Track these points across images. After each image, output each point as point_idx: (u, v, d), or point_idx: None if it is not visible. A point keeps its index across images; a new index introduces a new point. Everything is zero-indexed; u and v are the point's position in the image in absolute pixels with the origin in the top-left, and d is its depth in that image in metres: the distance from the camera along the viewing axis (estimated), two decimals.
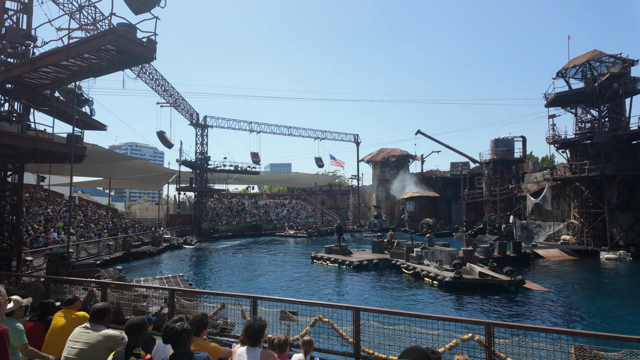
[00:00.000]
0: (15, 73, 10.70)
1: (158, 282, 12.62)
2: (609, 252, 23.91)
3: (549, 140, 29.11)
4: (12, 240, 11.95)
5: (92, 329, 3.54)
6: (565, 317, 12.22)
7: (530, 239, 29.94)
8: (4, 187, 11.96)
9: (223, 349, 3.87)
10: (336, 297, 14.99)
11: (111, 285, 8.22)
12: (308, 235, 40.75)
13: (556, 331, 4.92)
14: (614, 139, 25.29)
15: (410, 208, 48.86)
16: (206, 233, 39.34)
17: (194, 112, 41.43)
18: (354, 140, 54.03)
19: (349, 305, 5.88)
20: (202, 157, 40.97)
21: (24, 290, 8.96)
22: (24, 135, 11.10)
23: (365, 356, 5.56)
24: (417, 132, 48.88)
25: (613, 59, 26.28)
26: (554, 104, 28.91)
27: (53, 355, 3.94)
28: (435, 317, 5.35)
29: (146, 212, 60.55)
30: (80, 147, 12.75)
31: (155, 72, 33.69)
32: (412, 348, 1.59)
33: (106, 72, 10.64)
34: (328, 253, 23.07)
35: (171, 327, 2.88)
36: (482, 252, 21.20)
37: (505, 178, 37.88)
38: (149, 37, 9.26)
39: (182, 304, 7.16)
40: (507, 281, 15.28)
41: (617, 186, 25.67)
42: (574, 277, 19.06)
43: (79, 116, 13.07)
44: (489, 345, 4.82)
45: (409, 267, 18.87)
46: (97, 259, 20.66)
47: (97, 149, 27.39)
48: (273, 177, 62.78)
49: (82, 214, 29.24)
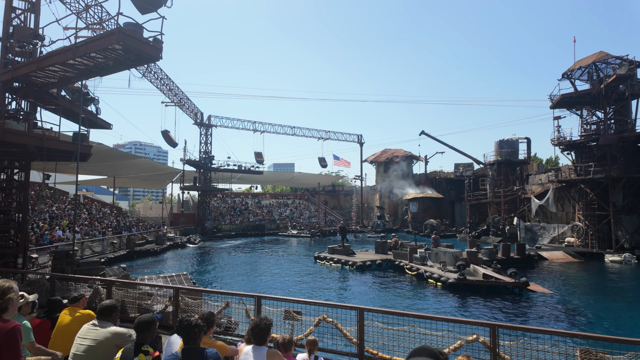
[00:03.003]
0: (23, 72, 10.79)
1: (162, 280, 12.66)
2: (614, 254, 23.76)
3: (554, 142, 28.97)
4: (18, 237, 12.04)
5: (100, 326, 3.57)
6: (570, 319, 12.16)
7: (534, 241, 29.80)
8: (11, 185, 12.06)
9: (229, 348, 3.90)
10: (339, 297, 14.99)
11: (116, 283, 8.26)
12: (311, 236, 40.76)
13: (561, 334, 4.90)
14: (620, 141, 25.14)
15: (413, 209, 48.74)
16: (209, 232, 39.44)
17: (198, 112, 41.56)
18: (357, 140, 53.98)
19: (353, 306, 5.88)
20: (206, 157, 41.08)
21: (29, 287, 9.04)
22: (31, 134, 11.18)
23: (369, 356, 5.56)
24: (421, 133, 48.83)
25: (619, 60, 26.12)
26: (559, 105, 28.76)
27: (59, 352, 3.98)
28: (439, 318, 5.34)
29: (150, 210, 60.83)
30: (86, 145, 12.82)
31: (161, 71, 33.83)
32: (420, 348, 1.59)
33: (112, 71, 10.72)
34: (331, 253, 23.07)
35: (187, 319, 2.97)
36: (485, 254, 21.13)
37: (510, 179, 37.73)
38: (155, 37, 9.31)
39: (186, 302, 7.19)
40: (511, 283, 15.23)
41: (622, 188, 25.51)
42: (579, 279, 18.96)
43: (85, 115, 13.15)
44: (494, 347, 4.80)
45: (413, 268, 18.84)
46: (101, 257, 20.76)
47: (102, 148, 27.54)
48: (276, 177, 62.83)
49: (87, 212, 29.41)
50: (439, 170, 53.35)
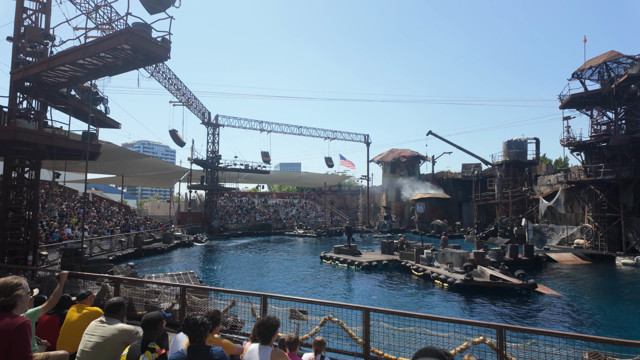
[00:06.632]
0: (34, 71, 10.94)
1: (169, 278, 12.76)
2: (625, 257, 23.42)
3: (564, 143, 28.63)
4: (29, 235, 12.22)
5: (108, 323, 3.61)
6: (578, 322, 12.01)
7: (542, 242, 29.48)
8: (22, 183, 12.24)
9: (235, 346, 3.91)
10: (345, 297, 14.97)
11: (124, 281, 8.34)
12: (317, 235, 40.76)
13: (569, 336, 4.84)
14: (631, 141, 24.76)
15: (420, 209, 48.51)
16: (216, 231, 39.64)
17: (205, 111, 41.79)
18: (364, 140, 53.87)
19: (359, 306, 5.87)
20: (213, 156, 41.29)
21: (39, 284, 9.16)
22: (41, 133, 11.33)
23: (375, 357, 5.55)
24: (429, 133, 48.60)
25: (631, 60, 25.71)
26: (569, 105, 28.40)
27: (66, 349, 4.04)
28: (445, 319, 5.31)
29: (158, 209, 61.32)
30: (95, 144, 12.97)
31: (169, 71, 34.06)
32: (426, 348, 1.58)
33: (121, 70, 10.82)
34: (337, 253, 23.05)
35: (192, 317, 3.00)
36: (493, 255, 20.95)
37: (518, 180, 37.36)
38: (164, 37, 9.39)
39: (193, 300, 7.24)
40: (519, 285, 15.08)
41: (633, 190, 25.13)
42: (589, 281, 18.72)
43: (94, 114, 13.30)
44: (501, 349, 4.77)
45: (419, 268, 18.75)
46: (109, 254, 20.99)
47: (111, 147, 27.82)
48: (283, 177, 62.96)
49: (96, 211, 29.73)
50: (447, 171, 53.04)
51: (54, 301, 4.29)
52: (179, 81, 35.84)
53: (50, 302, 4.26)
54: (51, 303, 4.27)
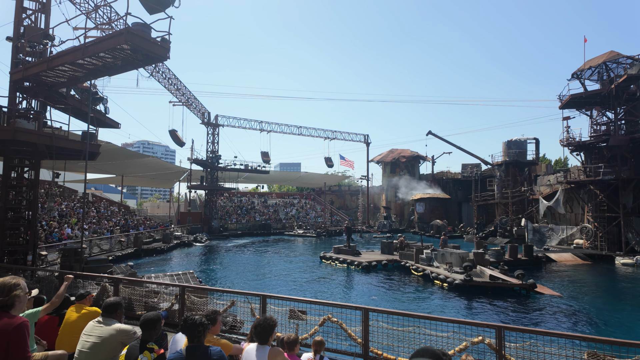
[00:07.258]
0: (33, 71, 10.94)
1: (169, 278, 12.77)
2: (625, 257, 23.43)
3: (563, 143, 28.64)
4: (28, 235, 12.21)
5: (105, 323, 3.61)
6: (578, 322, 12.01)
7: (542, 242, 29.49)
8: (21, 183, 12.23)
9: (233, 346, 3.91)
10: (344, 297, 14.97)
11: (123, 281, 8.34)
12: (317, 235, 40.76)
13: (569, 336, 4.84)
14: (631, 141, 24.77)
15: (420, 209, 48.53)
16: (216, 231, 39.64)
17: (205, 111, 41.78)
18: (364, 140, 53.87)
19: (358, 306, 5.88)
20: (213, 156, 41.30)
21: (39, 284, 9.16)
22: (41, 133, 11.33)
23: (374, 357, 5.55)
24: (429, 133, 48.61)
25: (631, 60, 25.72)
26: (568, 105, 28.41)
27: (65, 349, 4.04)
28: (444, 320, 5.31)
29: (157, 209, 61.31)
30: (95, 144, 12.97)
31: (169, 71, 34.06)
32: (423, 348, 1.58)
33: (121, 70, 10.82)
34: (337, 253, 23.05)
35: (191, 318, 3.01)
36: (493, 255, 20.96)
37: (518, 180, 37.37)
38: (163, 37, 9.39)
39: (192, 300, 7.24)
40: (518, 285, 15.08)
41: (633, 190, 25.15)
42: (588, 282, 18.72)
43: (94, 114, 13.30)
44: (500, 349, 4.77)
45: (419, 268, 18.76)
46: (109, 254, 20.98)
47: (111, 147, 27.81)
48: (283, 177, 62.96)
49: (95, 211, 29.72)
50: (446, 171, 53.05)
51: (56, 303, 4.29)
52: (179, 81, 35.83)
53: (52, 304, 4.26)
54: (53, 304, 4.27)
